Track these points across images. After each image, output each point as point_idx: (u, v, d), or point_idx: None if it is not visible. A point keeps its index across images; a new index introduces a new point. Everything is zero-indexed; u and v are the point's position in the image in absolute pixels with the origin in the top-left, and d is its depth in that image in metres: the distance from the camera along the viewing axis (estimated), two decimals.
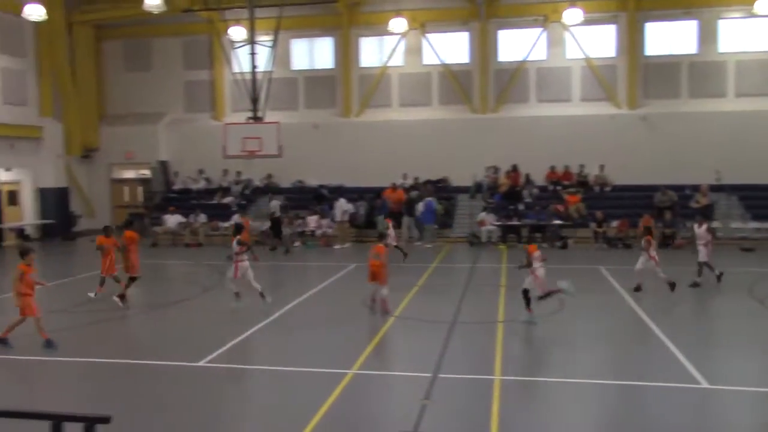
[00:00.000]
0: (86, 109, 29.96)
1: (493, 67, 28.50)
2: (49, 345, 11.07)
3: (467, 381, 9.45)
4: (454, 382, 9.35)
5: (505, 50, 28.48)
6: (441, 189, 27.27)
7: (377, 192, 26.63)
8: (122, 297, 14.36)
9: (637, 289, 14.93)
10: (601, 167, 26.61)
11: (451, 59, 28.68)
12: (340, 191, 27.49)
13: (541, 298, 12.49)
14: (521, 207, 25.28)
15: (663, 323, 12.28)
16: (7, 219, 26.74)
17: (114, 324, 13.28)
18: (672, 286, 14.63)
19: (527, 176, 26.90)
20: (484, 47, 28.29)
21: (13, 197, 27.59)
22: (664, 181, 24.80)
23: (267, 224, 24.99)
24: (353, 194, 27.04)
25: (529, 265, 12.39)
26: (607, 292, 15.44)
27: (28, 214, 28.07)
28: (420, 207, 25.31)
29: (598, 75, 27.64)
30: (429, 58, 28.89)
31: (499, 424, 7.71)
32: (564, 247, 23.24)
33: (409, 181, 27.59)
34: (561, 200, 25.45)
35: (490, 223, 24.36)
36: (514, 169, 27.04)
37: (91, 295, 14.87)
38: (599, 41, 27.71)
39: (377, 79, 29.15)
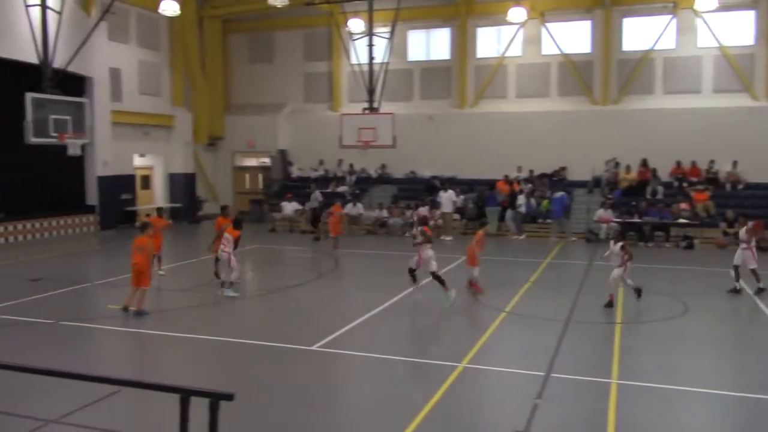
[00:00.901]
0: (213, 99, 31.62)
1: (616, 57, 27.22)
2: (140, 314, 12.10)
3: (582, 383, 9.10)
4: (568, 382, 9.04)
5: (630, 39, 27.11)
6: (557, 182, 26.43)
7: (491, 184, 26.25)
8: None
9: (609, 304, 13.06)
10: (734, 163, 24.83)
11: (571, 49, 27.71)
12: (451, 182, 27.30)
13: (433, 276, 13.58)
14: (644, 204, 24.04)
15: None
16: (140, 202, 28.68)
17: (232, 305, 13.88)
18: (638, 292, 13.36)
19: (654, 171, 25.54)
20: (608, 36, 27.08)
21: (146, 181, 29.59)
22: None
23: (383, 212, 25.60)
24: (465, 186, 26.82)
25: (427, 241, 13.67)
26: (736, 297, 14.42)
27: (158, 198, 29.97)
28: (520, 199, 24.70)
29: (734, 65, 25.73)
30: (548, 48, 28.02)
31: (616, 431, 7.38)
32: (690, 247, 21.91)
33: (524, 174, 26.97)
34: (687, 197, 24.00)
35: (610, 220, 23.35)
36: (644, 163, 25.74)
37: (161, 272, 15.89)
38: (735, 28, 25.78)
39: (494, 69, 28.65)
